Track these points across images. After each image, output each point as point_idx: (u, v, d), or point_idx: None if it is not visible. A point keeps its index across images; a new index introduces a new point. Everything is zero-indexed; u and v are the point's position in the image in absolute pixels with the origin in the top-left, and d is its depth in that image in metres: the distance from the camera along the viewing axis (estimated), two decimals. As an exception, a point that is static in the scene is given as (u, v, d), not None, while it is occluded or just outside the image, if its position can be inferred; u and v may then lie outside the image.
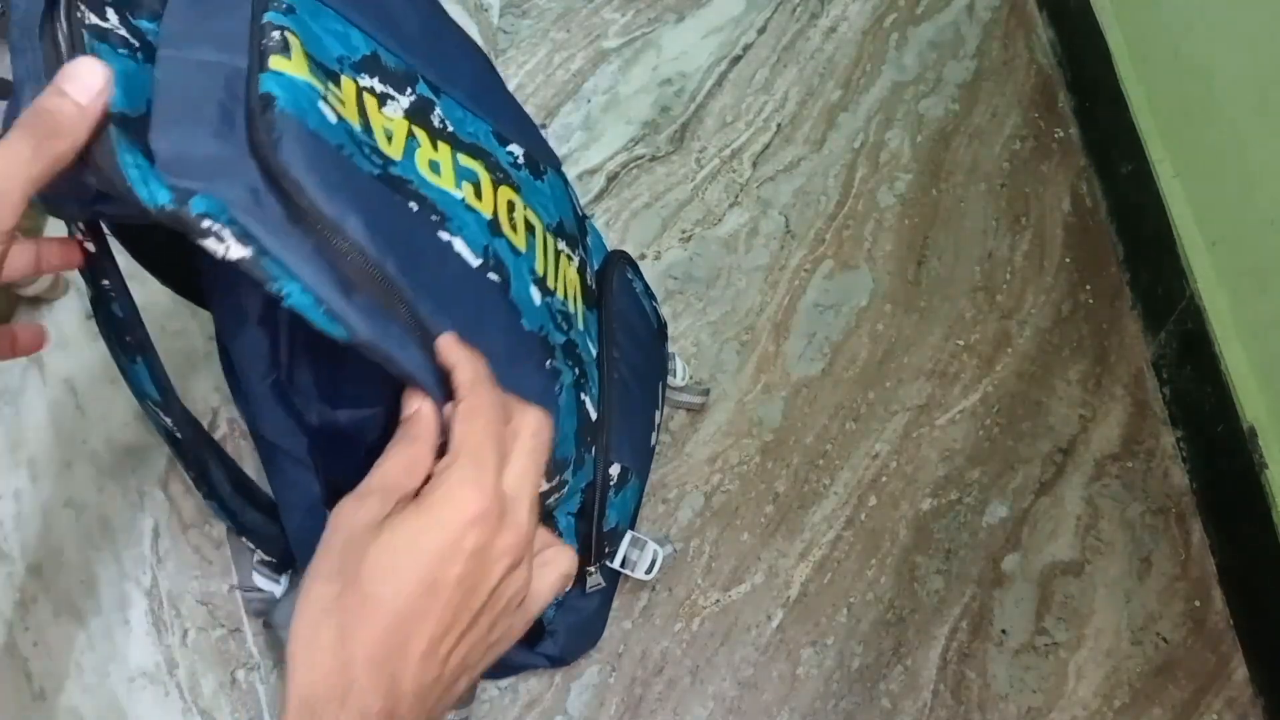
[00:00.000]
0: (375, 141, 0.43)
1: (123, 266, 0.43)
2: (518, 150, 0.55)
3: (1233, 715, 0.72)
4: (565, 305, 0.56)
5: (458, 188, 0.47)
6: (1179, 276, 0.81)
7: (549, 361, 0.51)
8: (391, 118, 0.45)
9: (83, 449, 0.79)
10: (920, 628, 0.74)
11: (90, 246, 0.42)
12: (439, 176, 0.46)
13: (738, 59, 0.99)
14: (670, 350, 0.77)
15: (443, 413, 0.39)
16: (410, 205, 0.43)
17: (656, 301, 0.75)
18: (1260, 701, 0.72)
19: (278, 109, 0.38)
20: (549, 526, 0.60)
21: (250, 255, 0.36)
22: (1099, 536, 0.78)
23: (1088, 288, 0.88)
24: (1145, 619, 0.75)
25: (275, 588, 0.64)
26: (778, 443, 0.80)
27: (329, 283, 0.37)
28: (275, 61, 0.39)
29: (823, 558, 0.76)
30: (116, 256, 0.43)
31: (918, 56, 0.99)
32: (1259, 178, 0.73)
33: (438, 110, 0.49)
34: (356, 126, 0.42)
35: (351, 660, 0.34)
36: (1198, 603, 0.75)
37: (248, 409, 0.50)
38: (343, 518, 0.36)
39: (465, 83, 0.52)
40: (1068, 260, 0.89)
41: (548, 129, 0.95)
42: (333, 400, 0.46)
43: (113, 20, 0.38)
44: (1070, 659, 0.73)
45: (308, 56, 0.41)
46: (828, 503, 0.78)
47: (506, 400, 0.40)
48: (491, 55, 0.99)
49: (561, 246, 0.57)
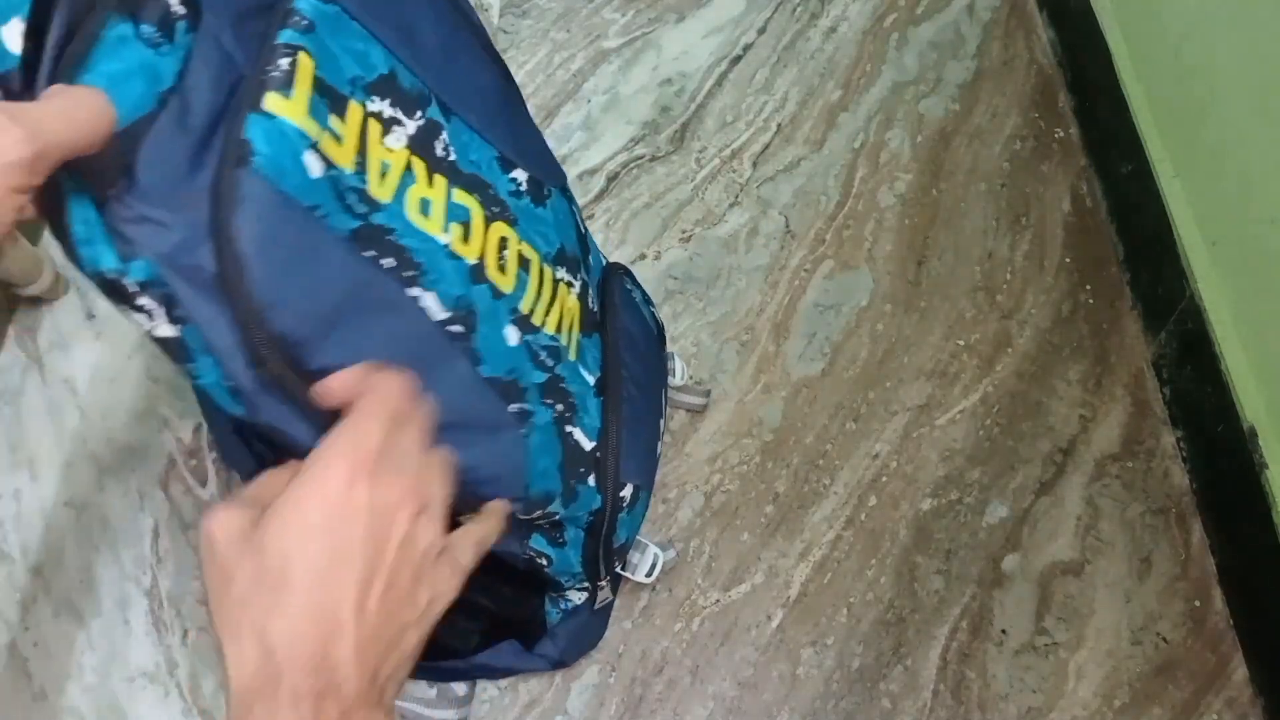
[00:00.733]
0: (365, 184, 0.43)
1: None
2: (521, 176, 0.55)
3: (1233, 715, 0.72)
4: (555, 339, 0.56)
5: (445, 231, 0.48)
6: (1179, 276, 0.81)
7: (516, 405, 0.52)
8: (393, 149, 0.46)
9: (83, 449, 0.79)
10: (920, 628, 0.74)
11: None
12: (427, 219, 0.47)
13: (738, 59, 0.99)
14: (669, 350, 0.77)
15: None
16: (383, 262, 0.44)
17: (654, 306, 0.75)
18: (1260, 701, 0.72)
19: (251, 167, 0.38)
20: (556, 539, 0.60)
21: (174, 335, 0.36)
22: (1099, 536, 0.78)
23: (1088, 288, 0.88)
24: (1145, 619, 0.75)
25: None
26: (778, 443, 0.80)
27: (239, 356, 0.38)
28: (270, 101, 0.39)
29: (823, 558, 0.76)
30: None
31: (918, 56, 0.99)
32: (1259, 178, 0.73)
33: (444, 135, 0.49)
34: (348, 169, 0.42)
35: (273, 648, 0.34)
36: (1198, 603, 0.75)
37: (217, 443, 0.51)
38: (212, 533, 0.36)
39: (478, 102, 0.53)
40: (1068, 260, 0.89)
41: (548, 129, 0.95)
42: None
43: None
44: (1070, 659, 0.73)
45: (314, 85, 0.41)
46: (828, 503, 0.78)
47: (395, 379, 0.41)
48: (491, 55, 0.99)
49: (561, 275, 0.58)
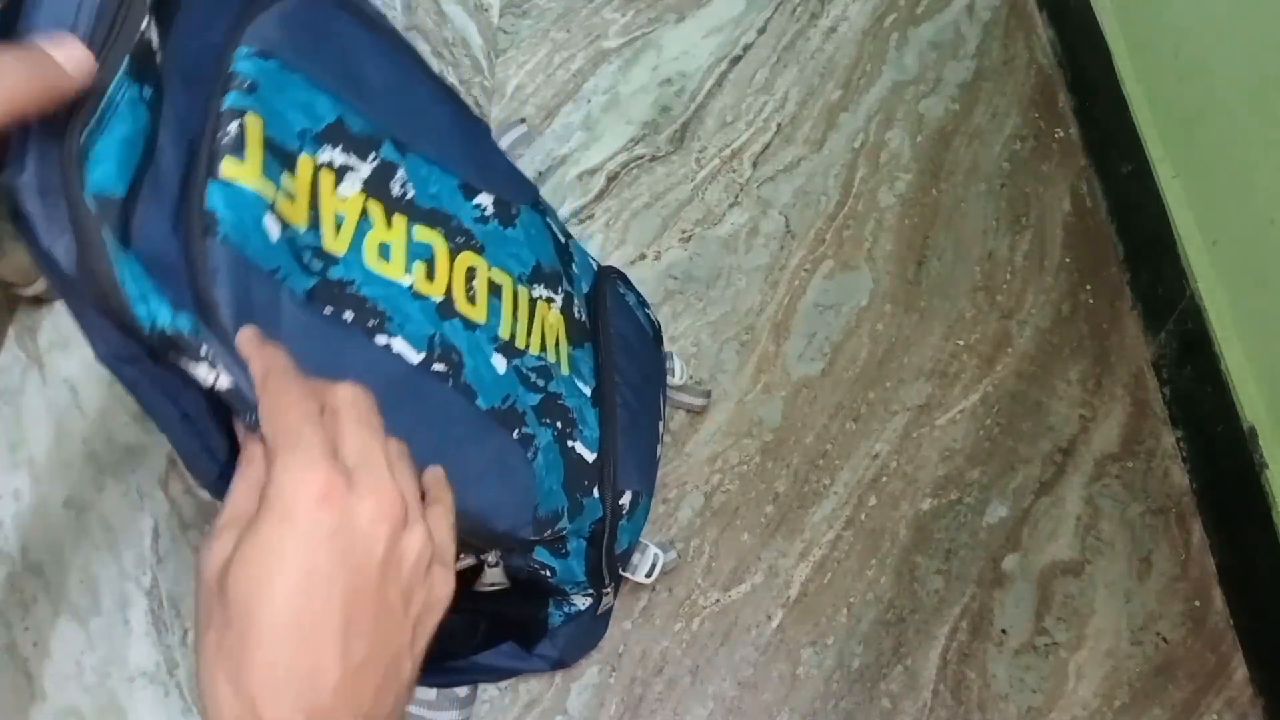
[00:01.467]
0: (321, 240, 0.44)
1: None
2: (486, 200, 0.55)
3: (1233, 715, 0.72)
4: (542, 358, 0.56)
5: (407, 272, 0.48)
6: (1179, 276, 0.81)
7: (517, 430, 0.52)
8: (346, 196, 0.46)
9: (83, 449, 0.79)
10: (920, 628, 0.74)
11: None
12: (388, 263, 0.47)
13: (738, 59, 0.99)
14: (668, 350, 0.77)
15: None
16: (344, 316, 0.44)
17: (649, 307, 0.75)
18: (1260, 701, 0.72)
19: (219, 235, 0.38)
20: (558, 550, 0.61)
21: (232, 385, 0.36)
22: (1099, 536, 0.78)
23: (1088, 288, 0.88)
24: (1145, 619, 0.75)
25: None
26: (778, 443, 0.80)
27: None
28: (226, 167, 0.39)
29: (823, 558, 0.76)
30: None
31: (918, 56, 0.99)
32: (1258, 177, 0.73)
33: (400, 173, 0.49)
34: (302, 228, 0.43)
35: (253, 700, 0.31)
36: (1198, 603, 0.75)
37: (214, 496, 0.51)
38: (199, 568, 0.34)
39: (434, 134, 0.53)
40: (1068, 260, 0.89)
41: (548, 129, 0.95)
42: None
43: (154, 38, 0.37)
44: (1070, 659, 0.73)
45: (265, 144, 0.41)
46: (828, 503, 0.78)
47: (314, 386, 0.38)
48: (491, 55, 0.99)
49: (539, 292, 0.58)
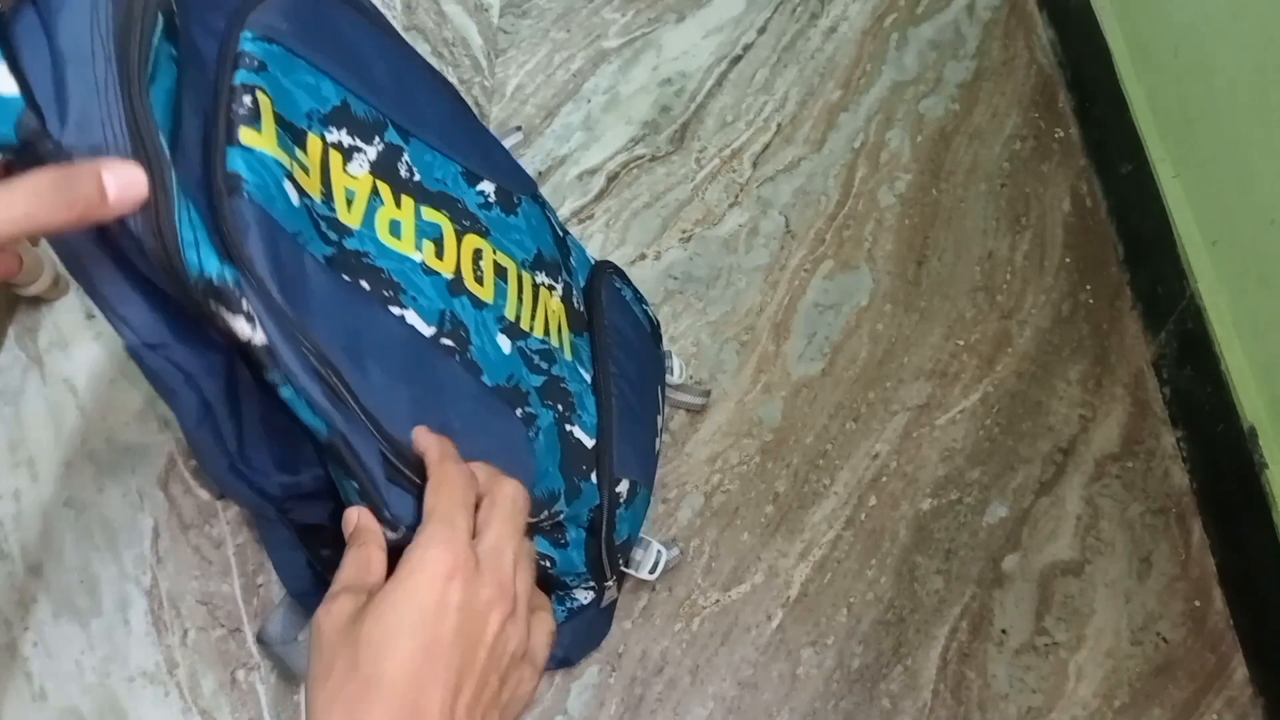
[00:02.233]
0: (335, 212, 0.44)
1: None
2: (489, 188, 0.56)
3: (1233, 715, 0.72)
4: (545, 342, 0.57)
5: (418, 249, 0.48)
6: (1179, 276, 0.81)
7: (520, 409, 0.52)
8: (356, 176, 0.46)
9: (83, 449, 0.79)
10: (920, 628, 0.74)
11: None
12: (399, 240, 0.47)
13: (738, 59, 0.99)
14: (667, 349, 0.77)
15: (386, 516, 0.42)
16: (361, 284, 0.44)
17: (647, 304, 0.75)
18: (1260, 701, 0.72)
19: (246, 194, 0.38)
20: (558, 540, 0.61)
21: (266, 342, 0.37)
22: (1099, 536, 0.78)
23: (1088, 288, 0.88)
24: (1145, 619, 0.75)
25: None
26: (778, 443, 0.80)
27: (307, 375, 0.39)
28: (245, 134, 0.39)
29: (823, 558, 0.76)
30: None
31: (918, 56, 0.99)
32: (1258, 177, 0.73)
33: (405, 157, 0.50)
34: (318, 199, 0.43)
35: None
36: (1198, 603, 0.75)
37: (220, 487, 0.52)
38: (320, 622, 0.37)
39: (435, 123, 0.53)
40: (1068, 260, 0.89)
41: (548, 129, 0.95)
42: (293, 467, 0.48)
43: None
44: (1070, 659, 0.73)
45: (276, 120, 0.41)
46: (828, 503, 0.78)
47: (487, 472, 0.43)
48: (491, 55, 0.99)
49: (541, 279, 0.58)
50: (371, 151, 0.48)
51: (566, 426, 0.57)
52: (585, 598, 0.67)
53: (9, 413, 0.80)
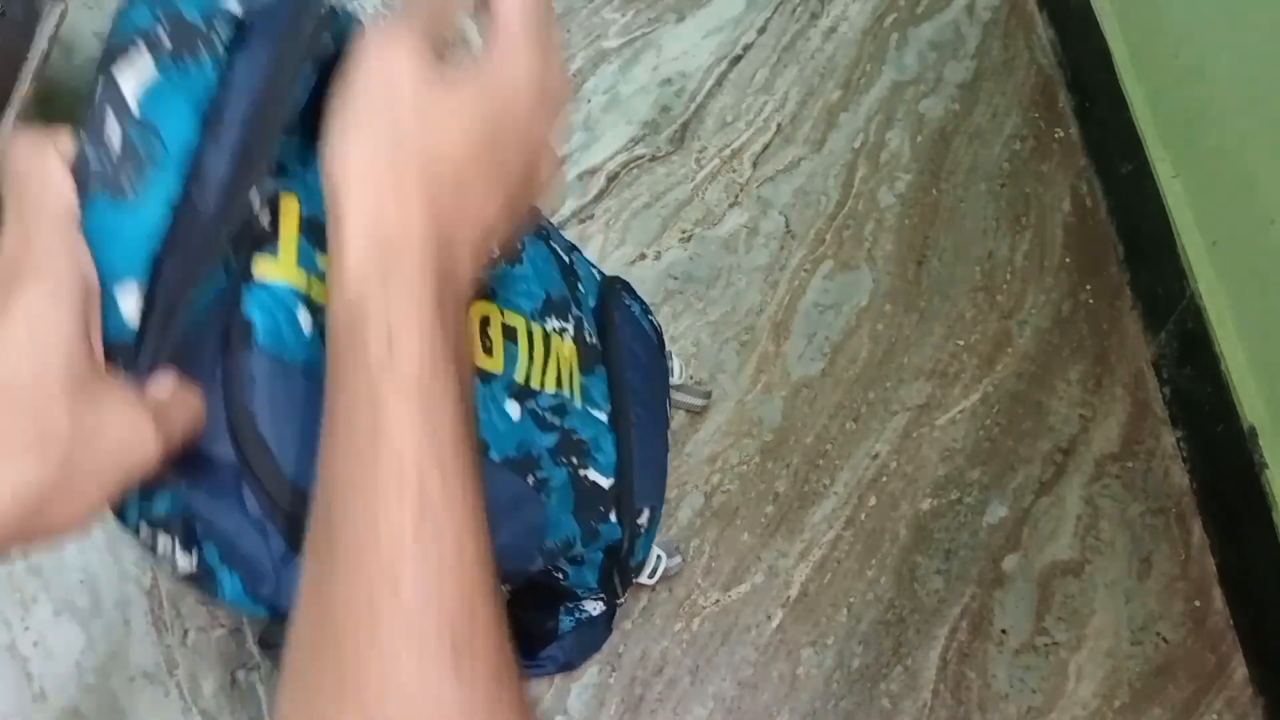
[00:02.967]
0: None
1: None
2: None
3: (1233, 715, 0.72)
4: (557, 395, 0.56)
5: None
6: (1179, 276, 0.81)
7: (532, 476, 0.52)
8: None
9: (83, 449, 0.79)
10: (920, 628, 0.74)
11: None
12: None
13: (738, 59, 0.99)
14: (667, 349, 0.77)
15: None
16: None
17: (652, 313, 0.75)
18: (1260, 701, 0.72)
19: (255, 345, 0.38)
20: (573, 558, 0.61)
21: (194, 569, 0.37)
22: (1099, 536, 0.77)
23: (1088, 288, 0.88)
24: (1145, 619, 0.75)
25: None
26: (778, 443, 0.80)
27: (266, 542, 0.38)
28: (260, 267, 0.38)
29: (823, 558, 0.76)
30: None
31: (918, 56, 0.99)
32: (1258, 178, 0.73)
33: None
34: None
35: (412, 212, 0.32)
36: (1198, 603, 0.75)
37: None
38: (383, 65, 0.34)
39: None
40: (1068, 260, 0.89)
41: (548, 129, 0.95)
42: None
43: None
44: (1070, 659, 0.73)
45: (301, 224, 0.40)
46: (828, 503, 0.78)
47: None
48: (491, 55, 0.99)
49: (551, 325, 0.57)
50: None
51: (581, 473, 0.57)
52: (595, 609, 0.67)
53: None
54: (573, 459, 0.56)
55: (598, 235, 0.89)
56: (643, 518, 0.62)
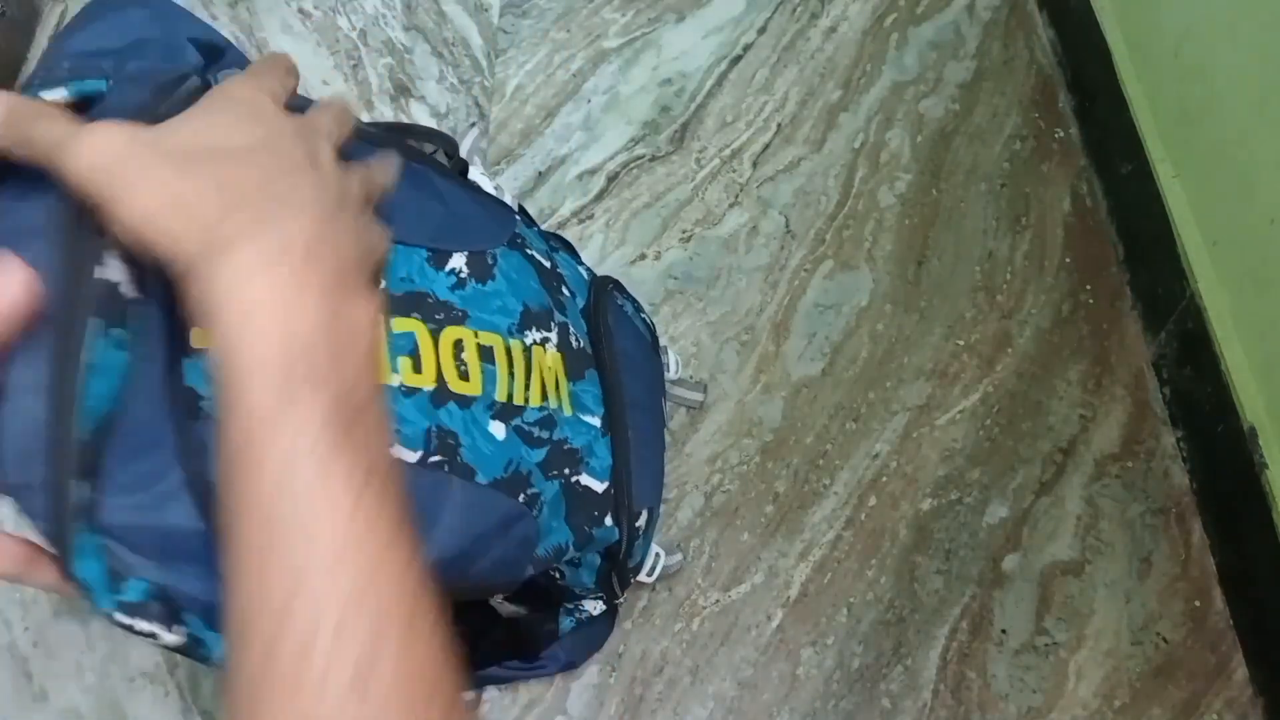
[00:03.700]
0: None
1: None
2: (459, 262, 0.53)
3: (1233, 715, 0.72)
4: (543, 409, 0.55)
5: (394, 371, 0.47)
6: (1179, 276, 0.81)
7: (523, 494, 0.52)
8: None
9: (83, 449, 0.79)
10: (920, 628, 0.74)
11: None
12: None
13: (738, 59, 0.99)
14: (663, 345, 0.77)
15: None
16: None
17: (645, 311, 0.75)
18: (1260, 701, 0.72)
19: (203, 413, 0.38)
20: (571, 560, 0.61)
21: (182, 640, 0.37)
22: (1099, 536, 0.77)
23: (1088, 288, 0.88)
24: (1145, 619, 0.75)
25: None
26: (778, 443, 0.80)
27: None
28: (198, 336, 0.38)
29: (823, 558, 0.76)
30: None
31: (918, 56, 0.99)
32: (1259, 177, 0.73)
33: None
34: None
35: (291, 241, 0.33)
36: (1198, 603, 0.75)
37: None
38: (103, 133, 0.33)
39: (394, 210, 0.50)
40: (1068, 260, 0.89)
41: (548, 129, 0.95)
42: None
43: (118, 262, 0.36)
44: (1070, 659, 0.73)
45: None
46: (828, 503, 0.78)
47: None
48: (491, 55, 0.99)
49: (531, 338, 0.56)
50: None
51: (574, 479, 0.57)
52: (595, 609, 0.67)
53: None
54: (565, 469, 0.56)
55: (598, 235, 0.89)
56: (641, 519, 0.62)
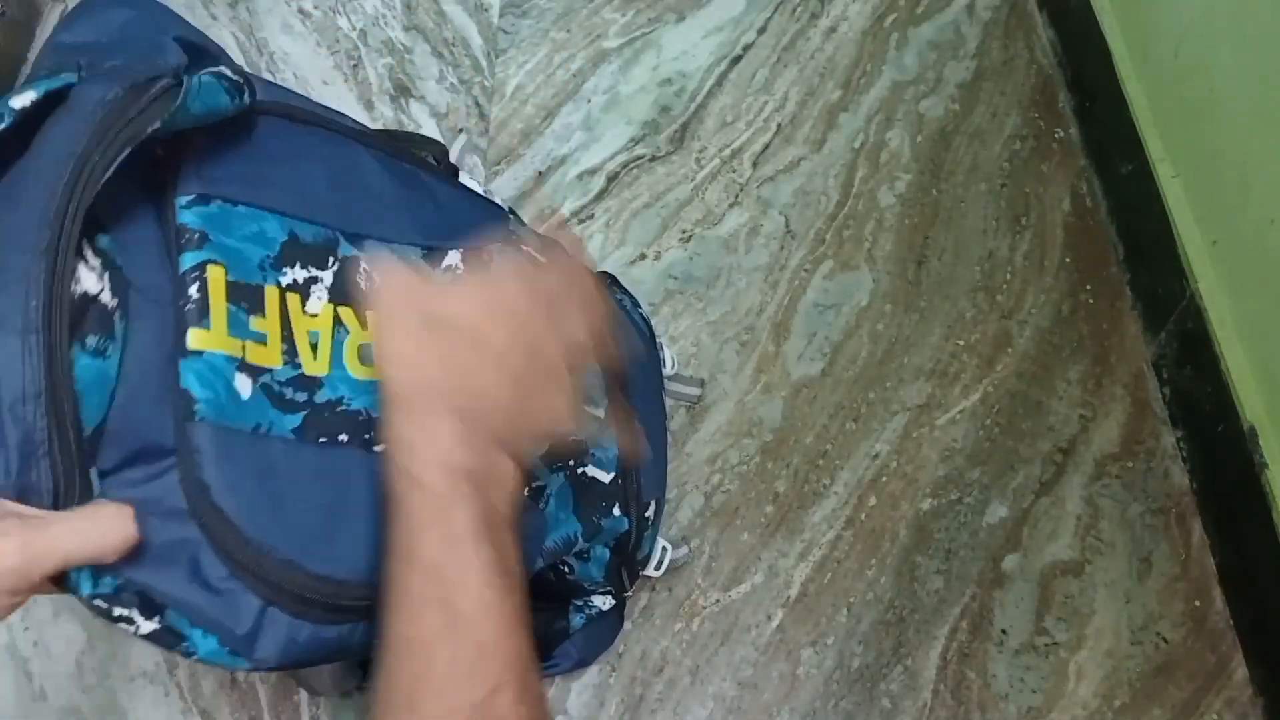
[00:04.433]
0: (301, 367, 0.44)
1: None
2: (454, 258, 0.54)
3: (1233, 715, 0.72)
4: None
5: None
6: (1179, 276, 0.81)
7: (528, 485, 0.52)
8: (316, 313, 0.46)
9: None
10: (920, 628, 0.74)
11: None
12: (371, 366, 0.46)
13: (738, 59, 0.99)
14: (659, 342, 0.77)
15: None
16: (340, 438, 0.44)
17: (641, 308, 0.75)
18: (1260, 701, 0.72)
19: (198, 417, 0.38)
20: (580, 553, 0.61)
21: (158, 627, 0.37)
22: (1099, 536, 0.77)
23: (1088, 288, 0.88)
24: (1145, 619, 0.75)
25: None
26: (778, 443, 0.80)
27: (245, 604, 0.38)
28: (193, 338, 0.39)
29: (823, 558, 0.76)
30: None
31: (918, 56, 0.99)
32: (1258, 177, 0.73)
33: (363, 265, 0.48)
34: (280, 365, 0.43)
35: (431, 364, 0.41)
36: (1198, 603, 0.75)
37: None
38: (397, 277, 0.44)
39: (385, 210, 0.51)
40: (1068, 260, 0.89)
41: (548, 129, 0.95)
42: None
43: (94, 270, 0.37)
44: (1070, 659, 0.73)
45: (229, 291, 0.41)
46: (828, 503, 0.78)
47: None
48: (491, 55, 0.99)
49: None
50: (328, 275, 0.46)
51: (579, 470, 0.57)
52: (604, 604, 0.67)
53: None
54: (570, 460, 0.56)
55: (598, 235, 0.89)
56: (649, 510, 0.62)
